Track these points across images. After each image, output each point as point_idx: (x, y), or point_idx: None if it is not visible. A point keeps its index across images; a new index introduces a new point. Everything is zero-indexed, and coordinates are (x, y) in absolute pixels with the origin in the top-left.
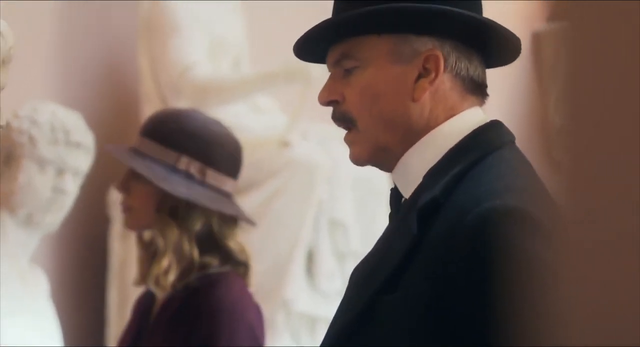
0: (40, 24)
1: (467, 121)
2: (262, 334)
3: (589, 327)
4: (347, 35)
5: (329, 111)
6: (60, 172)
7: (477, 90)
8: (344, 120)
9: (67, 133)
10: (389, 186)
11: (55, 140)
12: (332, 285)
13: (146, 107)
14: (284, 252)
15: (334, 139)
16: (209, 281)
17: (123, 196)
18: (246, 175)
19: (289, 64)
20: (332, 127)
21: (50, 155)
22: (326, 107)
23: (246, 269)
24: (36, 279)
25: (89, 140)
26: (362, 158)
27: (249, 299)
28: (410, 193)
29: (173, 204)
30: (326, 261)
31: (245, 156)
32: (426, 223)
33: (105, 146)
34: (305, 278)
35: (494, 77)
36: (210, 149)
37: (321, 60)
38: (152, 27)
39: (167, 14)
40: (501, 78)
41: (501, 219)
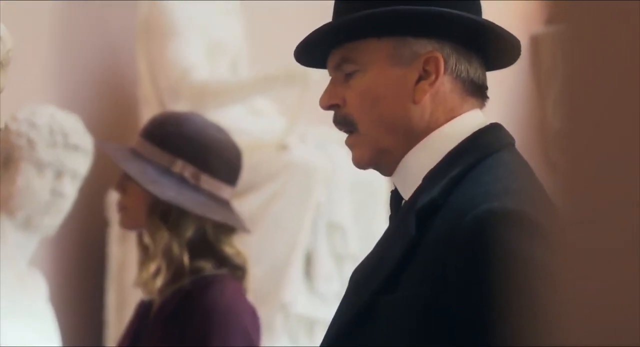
0: (39, 27)
1: (467, 124)
2: (258, 336)
3: (588, 327)
4: (346, 39)
5: (327, 114)
6: (59, 175)
7: (477, 92)
8: (345, 123)
9: (66, 136)
10: (387, 188)
11: (54, 143)
12: (331, 287)
13: (145, 110)
14: (282, 254)
15: (332, 142)
16: (202, 283)
17: (119, 195)
18: (244, 178)
19: (287, 66)
20: (330, 130)
21: (49, 158)
22: (324, 110)
23: (243, 272)
24: (35, 282)
25: (87, 143)
26: (363, 161)
27: (244, 301)
28: (409, 195)
29: (165, 208)
30: (324, 263)
31: (243, 159)
32: (425, 224)
33: (101, 144)
34: (303, 281)
35: (493, 80)
36: (206, 154)
37: (321, 65)
38: (151, 29)
39: (166, 17)
40: (499, 80)
41: (499, 220)
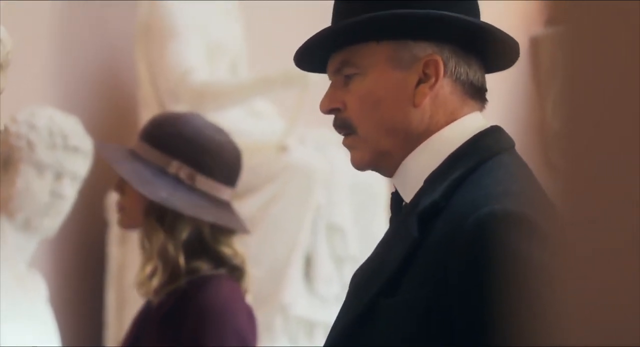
0: (38, 28)
1: (467, 126)
2: (254, 336)
3: (588, 327)
4: (346, 43)
5: (326, 116)
6: (59, 176)
7: (477, 95)
8: (344, 127)
9: (65, 138)
10: (387, 190)
11: (53, 145)
12: (330, 289)
13: (144, 112)
14: (281, 256)
15: (331, 144)
16: (198, 283)
17: (118, 196)
18: (244, 180)
19: (287, 68)
20: (329, 132)
21: (49, 160)
22: (324, 114)
23: (241, 273)
24: (34, 284)
25: (87, 145)
26: (363, 162)
27: (240, 301)
28: (411, 197)
29: (161, 209)
30: (324, 265)
31: (243, 160)
32: (426, 227)
33: (99, 145)
34: (303, 283)
35: (492, 81)
36: (202, 155)
37: (321, 70)
38: (150, 31)
39: (165, 18)
40: (499, 82)
41: (499, 222)
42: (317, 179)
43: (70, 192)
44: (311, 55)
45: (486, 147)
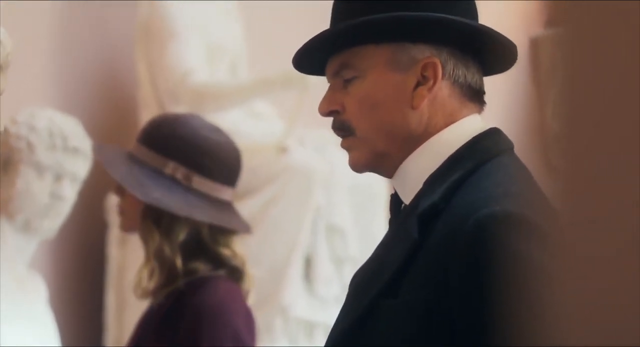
0: (38, 29)
1: (465, 129)
2: (251, 337)
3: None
4: (345, 45)
5: (325, 117)
6: (58, 178)
7: (475, 97)
8: (343, 129)
9: (65, 139)
10: (387, 191)
11: (53, 146)
12: (330, 290)
13: (144, 113)
14: (281, 257)
15: (331, 145)
16: (196, 284)
17: (119, 199)
18: (243, 181)
19: (286, 70)
20: (329, 133)
21: (48, 161)
22: (323, 117)
23: (241, 274)
24: (34, 285)
25: (86, 146)
26: (360, 164)
27: (237, 302)
28: (410, 199)
29: (157, 211)
30: (324, 266)
31: (242, 160)
32: (426, 228)
33: (97, 147)
34: (303, 283)
35: (492, 82)
36: (199, 155)
37: (320, 72)
38: (150, 32)
39: (165, 20)
40: (499, 84)
41: (500, 224)
42: (316, 180)
43: (70, 193)
44: (310, 58)
45: (485, 149)
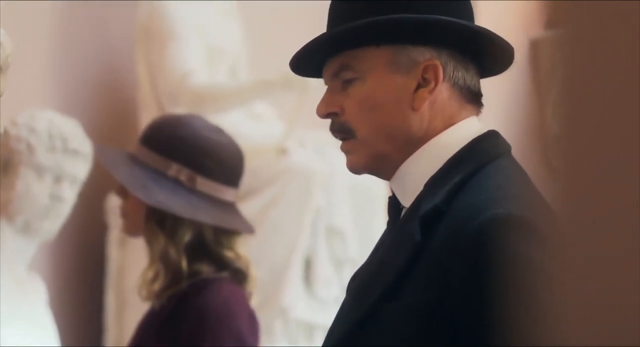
0: (38, 31)
1: (464, 131)
2: (254, 340)
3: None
4: (345, 47)
5: (323, 119)
6: (58, 179)
7: (473, 100)
8: (342, 131)
9: (65, 140)
10: (387, 192)
11: (53, 148)
12: (330, 292)
13: (144, 115)
14: (281, 259)
15: (330, 146)
16: (199, 285)
17: (121, 201)
18: (243, 182)
19: (286, 71)
20: (328, 135)
21: (48, 163)
22: (321, 118)
23: (244, 276)
24: (34, 287)
25: (86, 148)
26: (359, 166)
27: (240, 304)
28: (409, 201)
29: (161, 213)
30: (324, 268)
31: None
32: (428, 231)
33: (99, 149)
34: (302, 285)
35: (492, 83)
36: (202, 156)
37: (316, 74)
38: (150, 33)
39: (165, 21)
40: (499, 85)
41: (502, 226)
42: (316, 182)
43: (69, 195)
44: (308, 60)
45: (484, 151)
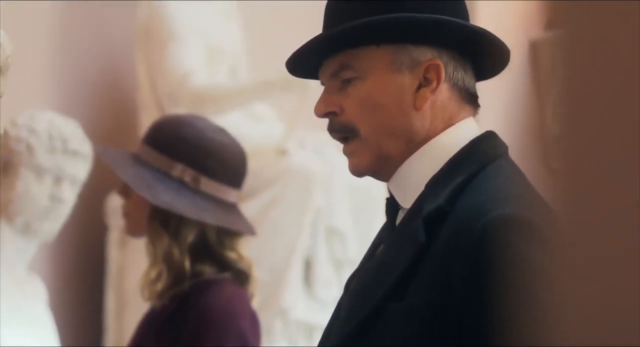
0: (38, 32)
1: (463, 132)
2: (256, 341)
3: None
4: (345, 47)
5: (325, 119)
6: (58, 180)
7: (471, 101)
8: (344, 131)
9: (65, 141)
10: (386, 194)
11: (53, 149)
12: (330, 293)
13: (144, 115)
14: (281, 260)
15: (330, 147)
16: (201, 286)
17: (124, 201)
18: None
19: (286, 72)
20: (328, 135)
21: (48, 164)
22: (319, 118)
23: (246, 277)
24: (34, 287)
25: (86, 149)
26: (361, 168)
27: (242, 305)
28: (409, 202)
29: (165, 213)
30: (324, 268)
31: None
32: (432, 232)
33: (101, 149)
34: (302, 286)
35: (493, 85)
36: (206, 157)
37: (312, 75)
38: (150, 34)
39: (165, 22)
40: (499, 86)
41: (505, 227)
42: (316, 182)
43: (69, 196)
44: (308, 60)
45: (484, 152)
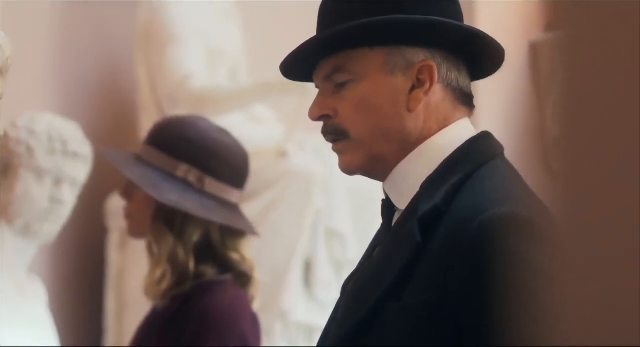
0: (38, 32)
1: (458, 132)
2: (258, 342)
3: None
4: (338, 49)
5: (316, 122)
6: (58, 182)
7: (466, 101)
8: (336, 133)
9: (65, 143)
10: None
11: (53, 150)
12: (330, 295)
13: (144, 117)
14: (281, 262)
15: (330, 149)
16: (203, 288)
17: (125, 202)
18: None
19: None
20: None
21: (48, 165)
22: (314, 121)
23: (248, 279)
24: (34, 289)
25: (86, 150)
26: (352, 166)
27: (243, 307)
28: (404, 203)
29: (169, 213)
30: (323, 270)
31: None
32: (428, 232)
33: (105, 150)
34: (302, 288)
35: (493, 86)
36: (210, 157)
37: (307, 78)
38: (150, 36)
39: (165, 24)
40: (499, 88)
41: (502, 226)
42: (316, 184)
43: (69, 197)
44: (304, 61)
45: (479, 153)
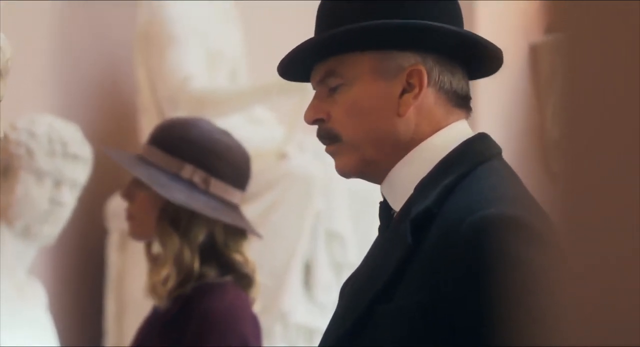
0: (38, 33)
1: (453, 134)
2: (258, 344)
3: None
4: (330, 53)
5: (311, 125)
6: (58, 184)
7: (461, 104)
8: (329, 137)
9: (65, 145)
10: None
11: (53, 152)
12: (330, 297)
13: (144, 119)
14: (281, 264)
15: None
16: (204, 289)
17: (127, 204)
18: None
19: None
20: None
21: (48, 167)
22: (309, 125)
23: (249, 281)
24: (34, 291)
25: (86, 152)
26: (347, 169)
27: (244, 309)
28: (400, 205)
29: (175, 214)
30: (323, 272)
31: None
32: (420, 233)
33: (109, 151)
34: (302, 290)
35: (492, 88)
36: (215, 159)
37: (306, 79)
38: (150, 38)
39: (165, 26)
40: (499, 89)
41: (496, 226)
42: (316, 186)
43: (69, 199)
44: (300, 63)
45: (476, 153)
